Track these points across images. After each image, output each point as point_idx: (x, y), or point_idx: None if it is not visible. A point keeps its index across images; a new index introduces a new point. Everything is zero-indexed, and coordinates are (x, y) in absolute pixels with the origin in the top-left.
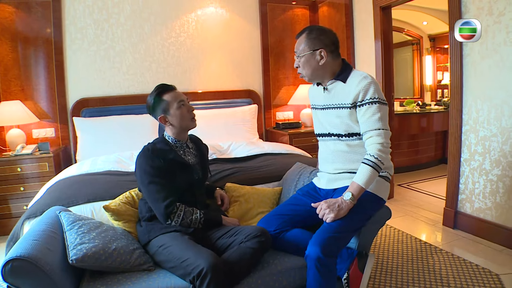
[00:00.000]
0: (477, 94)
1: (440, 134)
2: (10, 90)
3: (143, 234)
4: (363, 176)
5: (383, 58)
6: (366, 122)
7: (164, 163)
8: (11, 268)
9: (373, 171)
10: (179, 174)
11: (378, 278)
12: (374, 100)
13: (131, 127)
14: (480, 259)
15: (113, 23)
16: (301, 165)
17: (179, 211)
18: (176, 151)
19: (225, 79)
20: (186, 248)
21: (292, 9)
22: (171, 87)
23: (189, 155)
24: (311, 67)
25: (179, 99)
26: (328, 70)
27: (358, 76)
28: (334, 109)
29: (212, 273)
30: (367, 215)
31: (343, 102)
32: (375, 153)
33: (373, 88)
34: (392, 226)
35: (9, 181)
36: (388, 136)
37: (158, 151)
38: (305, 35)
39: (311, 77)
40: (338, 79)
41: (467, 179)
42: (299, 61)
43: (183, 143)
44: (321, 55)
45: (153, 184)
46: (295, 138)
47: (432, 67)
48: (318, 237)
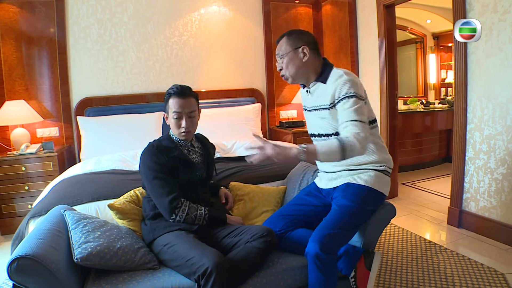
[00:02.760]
0: (481, 92)
1: (444, 133)
2: (15, 90)
3: (148, 232)
4: (324, 144)
5: (387, 57)
6: (343, 114)
7: (168, 160)
8: (17, 267)
9: (339, 147)
10: (182, 172)
11: (383, 277)
12: (350, 94)
13: (134, 126)
14: (485, 258)
15: (116, 22)
16: (305, 164)
17: (183, 206)
18: (180, 149)
19: (228, 78)
20: (191, 247)
21: (295, 7)
22: (182, 94)
23: (193, 153)
24: (295, 65)
25: (176, 110)
26: (311, 69)
27: (335, 75)
28: (318, 111)
29: (217, 272)
30: (367, 211)
31: (324, 103)
32: (349, 136)
33: (348, 84)
34: (397, 225)
35: (14, 180)
36: (365, 129)
37: (163, 148)
38: (285, 37)
39: (295, 76)
40: (319, 80)
41: (472, 177)
42: (282, 62)
43: (187, 142)
44: (304, 52)
45: (158, 179)
46: (299, 137)
47: (436, 66)
48: (317, 234)
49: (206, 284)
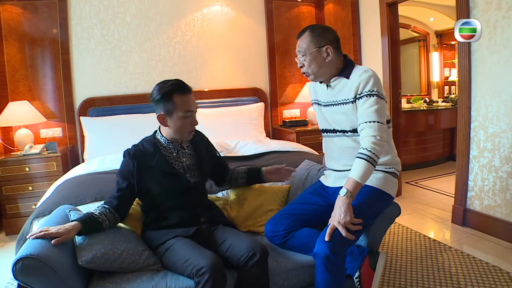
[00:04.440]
0: (485, 90)
1: (448, 131)
2: (18, 91)
3: (149, 241)
4: (358, 170)
5: (390, 55)
6: (363, 113)
7: (139, 168)
8: (21, 267)
9: (368, 164)
10: (165, 181)
11: (387, 276)
12: (373, 92)
13: (138, 126)
14: (490, 257)
15: (119, 22)
16: (309, 162)
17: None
18: (162, 155)
19: (231, 77)
20: (188, 249)
21: (298, 6)
22: (187, 90)
23: (183, 157)
24: (318, 64)
25: (188, 108)
26: (332, 67)
27: (360, 70)
28: (339, 106)
29: (211, 272)
30: (375, 213)
31: (347, 97)
32: (369, 145)
33: (372, 80)
34: (401, 224)
35: (18, 180)
36: (383, 130)
37: (140, 154)
38: (308, 33)
39: (317, 74)
40: (342, 75)
41: (476, 176)
42: (304, 59)
43: (176, 144)
44: (328, 51)
45: (116, 183)
46: (302, 135)
47: (439, 64)
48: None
49: (199, 282)
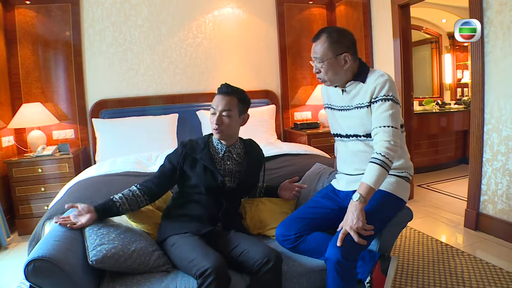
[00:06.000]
0: (499, 92)
1: (460, 134)
2: (31, 93)
3: (160, 231)
4: (371, 175)
5: (402, 57)
6: (377, 117)
7: (185, 156)
8: (33, 268)
9: (382, 169)
10: (202, 174)
11: (399, 281)
12: (388, 97)
13: (149, 128)
14: (504, 262)
15: (130, 25)
16: (320, 165)
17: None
18: (209, 152)
19: (242, 79)
20: (194, 248)
21: (309, 8)
22: (220, 91)
23: (228, 160)
24: (335, 72)
25: (212, 106)
26: (349, 73)
27: (376, 74)
28: (354, 110)
29: (216, 274)
30: (387, 217)
31: (362, 101)
32: (382, 150)
33: (388, 85)
34: (413, 227)
35: (31, 181)
36: (397, 135)
37: (190, 146)
38: (325, 39)
39: (334, 80)
40: (357, 79)
41: (489, 179)
42: (320, 66)
43: (224, 147)
44: (345, 59)
45: (159, 169)
46: (313, 138)
47: (451, 66)
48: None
49: (202, 284)
